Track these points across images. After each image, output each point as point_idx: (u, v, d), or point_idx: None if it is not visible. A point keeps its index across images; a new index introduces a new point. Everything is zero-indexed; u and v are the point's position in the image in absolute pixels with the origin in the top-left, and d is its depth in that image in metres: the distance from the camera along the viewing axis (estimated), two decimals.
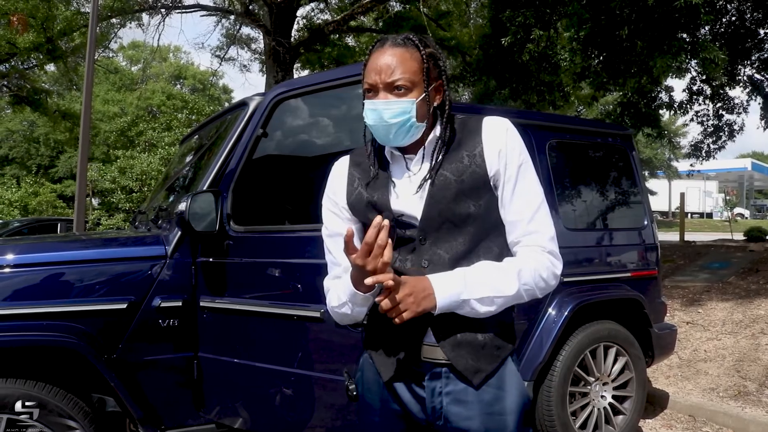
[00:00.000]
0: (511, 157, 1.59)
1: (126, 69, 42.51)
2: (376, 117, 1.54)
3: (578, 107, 20.75)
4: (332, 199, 1.72)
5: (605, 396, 3.98)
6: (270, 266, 2.94)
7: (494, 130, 1.61)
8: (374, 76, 1.54)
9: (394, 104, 1.53)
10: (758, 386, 4.84)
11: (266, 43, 15.95)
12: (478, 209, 1.58)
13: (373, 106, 1.54)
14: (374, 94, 1.56)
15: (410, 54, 1.56)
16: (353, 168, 1.70)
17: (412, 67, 1.55)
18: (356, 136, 3.33)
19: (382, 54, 1.55)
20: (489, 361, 1.57)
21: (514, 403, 1.59)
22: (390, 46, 1.56)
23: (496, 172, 1.58)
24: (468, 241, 1.57)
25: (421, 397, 1.61)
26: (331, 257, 1.72)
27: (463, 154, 1.59)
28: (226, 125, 3.56)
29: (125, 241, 3.37)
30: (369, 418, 1.69)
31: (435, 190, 1.56)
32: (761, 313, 6.25)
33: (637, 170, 4.51)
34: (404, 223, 1.59)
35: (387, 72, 1.53)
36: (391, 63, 1.54)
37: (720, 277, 8.04)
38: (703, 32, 9.71)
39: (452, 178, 1.57)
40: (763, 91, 12.71)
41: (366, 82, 1.58)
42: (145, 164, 18.23)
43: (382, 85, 1.54)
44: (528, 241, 1.59)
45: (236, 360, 3.02)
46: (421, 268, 1.56)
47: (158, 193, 4.30)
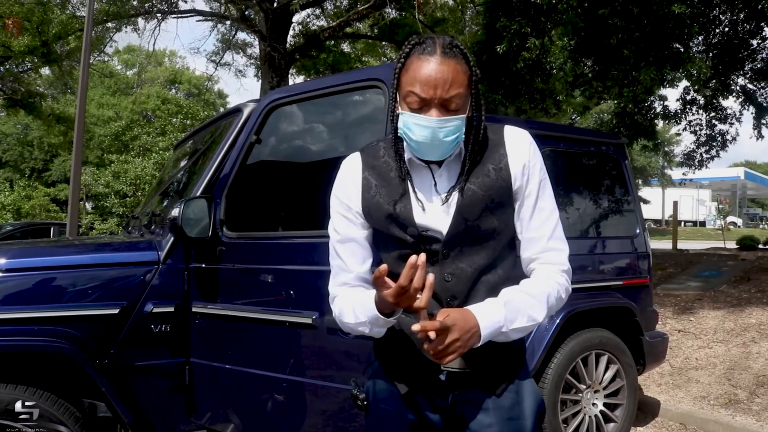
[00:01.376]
0: (533, 171, 1.57)
1: (121, 73, 42.52)
2: (429, 134, 1.45)
3: (572, 116, 20.84)
4: (344, 203, 1.62)
5: (596, 404, 3.98)
6: (262, 272, 2.95)
7: (518, 143, 1.59)
8: (429, 90, 1.43)
9: (449, 123, 1.45)
10: (749, 395, 4.85)
11: (262, 49, 15.98)
12: (501, 224, 1.56)
13: (426, 123, 1.45)
14: (425, 109, 1.46)
15: (461, 67, 1.47)
16: (368, 172, 1.61)
17: (464, 81, 1.47)
18: (350, 142, 3.36)
19: (433, 64, 1.44)
20: (508, 368, 1.59)
21: (530, 407, 1.60)
22: (442, 57, 1.45)
23: (519, 186, 1.56)
24: (489, 255, 1.55)
25: (440, 406, 1.59)
26: (340, 263, 1.63)
27: (489, 168, 1.55)
28: (220, 131, 3.57)
29: (118, 247, 3.37)
30: (383, 428, 1.66)
31: (463, 206, 1.52)
32: (752, 322, 6.28)
33: (630, 179, 4.54)
34: (428, 238, 1.54)
35: (444, 87, 1.43)
36: (447, 77, 1.43)
37: (712, 286, 8.08)
38: (696, 42, 9.79)
39: (480, 192, 1.53)
40: (755, 100, 12.80)
41: (415, 94, 1.45)
42: (139, 169, 18.22)
43: (438, 101, 1.44)
44: (547, 258, 1.58)
45: (228, 366, 3.03)
46: (445, 282, 1.53)
47: (152, 198, 4.30)
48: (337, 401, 2.73)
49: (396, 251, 1.58)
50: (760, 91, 12.85)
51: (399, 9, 17.81)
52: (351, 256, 1.62)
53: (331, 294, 1.67)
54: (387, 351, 1.65)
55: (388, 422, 1.64)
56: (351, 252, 1.62)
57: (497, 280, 1.56)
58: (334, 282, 1.66)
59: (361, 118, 3.07)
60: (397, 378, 1.62)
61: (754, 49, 12.25)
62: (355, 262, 1.62)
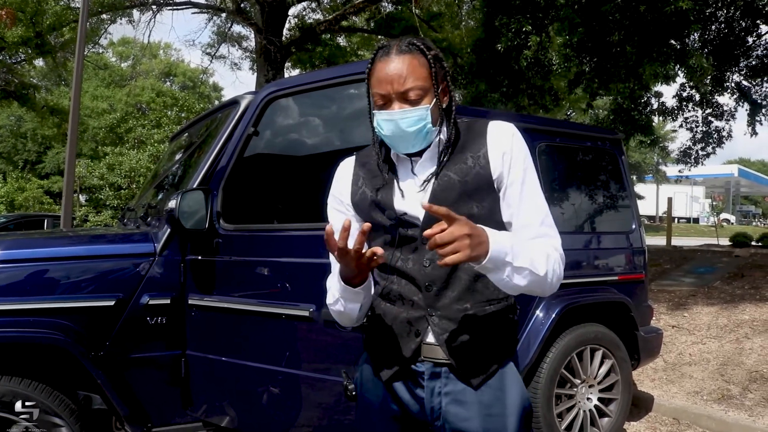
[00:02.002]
0: (516, 160, 1.58)
1: (115, 65, 42.32)
2: (393, 127, 1.52)
3: (568, 111, 20.85)
4: (337, 197, 1.71)
5: (591, 398, 3.99)
6: (259, 265, 2.94)
7: (499, 134, 1.60)
8: (386, 86, 1.51)
9: (410, 113, 1.52)
10: (741, 390, 4.88)
11: (257, 42, 15.92)
12: (481, 210, 1.57)
13: (389, 116, 1.52)
14: (387, 105, 1.53)
15: (418, 60, 1.53)
16: (359, 168, 1.70)
17: (422, 74, 1.53)
18: (347, 135, 3.36)
19: (390, 62, 1.52)
20: (489, 362, 1.58)
21: (514, 405, 1.59)
22: (396, 54, 1.53)
23: (500, 174, 1.58)
24: None
25: (420, 397, 1.60)
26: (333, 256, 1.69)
27: (468, 156, 1.59)
28: (217, 123, 3.55)
29: (114, 238, 3.36)
30: (367, 418, 1.69)
31: (438, 191, 1.56)
32: (746, 318, 6.31)
33: (626, 174, 4.54)
34: (407, 223, 1.58)
35: (399, 81, 1.51)
36: (402, 71, 1.51)
37: (706, 282, 8.11)
38: (692, 39, 9.80)
39: (456, 179, 1.56)
40: (750, 97, 12.82)
41: (377, 93, 1.54)
42: (134, 161, 18.14)
43: (396, 95, 1.52)
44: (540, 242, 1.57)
45: (224, 358, 3.02)
46: (423, 267, 1.56)
47: (147, 190, 4.29)
48: (333, 394, 2.73)
49: (381, 238, 1.64)
50: (755, 88, 12.88)
51: (395, 3, 17.80)
52: None
53: (327, 287, 1.69)
54: (371, 340, 1.68)
55: (374, 412, 1.68)
56: None
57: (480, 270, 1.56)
58: (331, 276, 1.69)
59: (358, 111, 3.05)
60: (379, 367, 1.65)
61: (749, 46, 12.28)
62: None
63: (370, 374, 1.68)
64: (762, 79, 12.61)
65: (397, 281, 1.61)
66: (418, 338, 1.57)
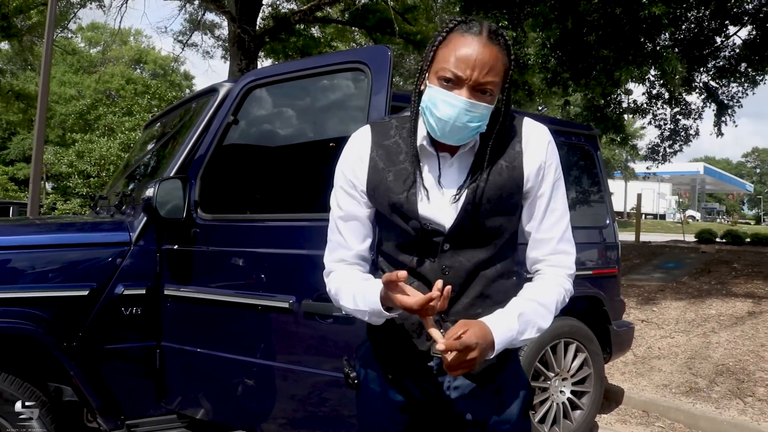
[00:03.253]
0: (548, 172, 1.54)
1: (84, 51, 41.44)
2: (453, 114, 1.40)
3: (540, 107, 21.00)
4: (349, 179, 1.59)
5: (564, 391, 4.04)
6: (238, 255, 2.89)
7: (537, 141, 1.54)
8: (466, 69, 1.39)
9: (477, 108, 1.41)
10: (708, 383, 4.98)
11: (231, 31, 15.74)
12: (506, 223, 1.54)
13: (455, 101, 1.40)
14: (456, 87, 1.41)
15: (502, 56, 1.43)
16: (376, 149, 1.57)
17: (501, 72, 1.43)
18: (327, 126, 3.33)
19: (477, 45, 1.40)
20: (498, 361, 1.57)
21: (518, 394, 1.61)
22: (485, 40, 1.41)
23: (532, 186, 1.53)
24: (491, 251, 1.53)
25: (429, 390, 1.59)
26: (340, 239, 1.62)
27: (503, 165, 1.51)
28: (194, 112, 3.49)
29: (88, 227, 3.29)
30: (371, 409, 1.66)
31: (472, 204, 1.48)
32: (712, 313, 6.44)
33: (601, 170, 4.59)
34: (430, 231, 1.51)
35: (482, 70, 1.39)
36: (487, 61, 1.39)
37: (674, 277, 8.26)
38: (663, 38, 9.95)
39: (490, 192, 1.49)
40: (717, 98, 13.05)
41: (449, 70, 1.40)
42: (105, 149, 17.78)
43: (472, 83, 1.40)
44: (555, 261, 1.57)
45: (200, 350, 2.97)
46: (442, 273, 1.50)
47: (120, 178, 4.20)
48: (315, 387, 2.71)
49: (396, 240, 1.57)
50: (722, 89, 13.12)
51: None
52: (352, 234, 1.61)
53: (327, 268, 1.65)
54: (378, 334, 1.64)
55: (377, 402, 1.64)
56: (352, 230, 1.61)
57: (494, 275, 1.55)
58: (331, 257, 1.64)
59: (342, 101, 3.03)
60: (386, 361, 1.62)
61: (717, 47, 12.50)
62: (355, 241, 1.62)
63: (374, 365, 1.64)
64: (729, 80, 12.85)
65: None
66: (430, 341, 1.53)
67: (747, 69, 12.40)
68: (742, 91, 12.92)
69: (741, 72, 12.50)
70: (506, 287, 1.58)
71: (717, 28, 12.16)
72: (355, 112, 2.82)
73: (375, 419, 1.66)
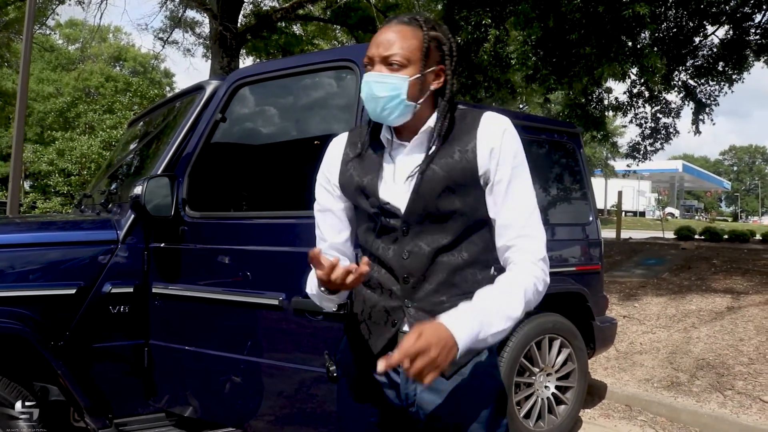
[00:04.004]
0: (504, 157, 1.55)
1: (63, 47, 40.92)
2: (368, 90, 1.53)
3: (521, 104, 21.13)
4: (326, 175, 1.70)
5: (549, 386, 4.08)
6: (226, 253, 2.90)
7: (491, 128, 1.57)
8: (373, 49, 1.54)
9: (386, 78, 1.52)
10: (689, 377, 5.06)
11: (212, 28, 15.63)
12: (464, 206, 1.55)
13: (368, 77, 1.54)
14: (371, 68, 1.56)
15: (412, 32, 1.54)
16: (349, 147, 1.68)
17: (411, 45, 1.52)
18: (315, 124, 3.34)
19: (386, 30, 1.55)
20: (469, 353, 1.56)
21: (486, 393, 1.60)
22: (395, 24, 1.56)
23: (487, 170, 1.55)
24: (451, 236, 1.55)
25: (397, 383, 1.62)
26: (319, 232, 1.73)
27: (455, 149, 1.56)
28: (180, 109, 3.49)
29: (74, 225, 3.26)
30: (347, 402, 1.70)
31: (422, 184, 1.54)
32: (693, 308, 6.54)
33: (584, 167, 4.64)
34: (389, 212, 1.57)
35: (385, 46, 1.52)
36: (391, 38, 1.52)
37: (655, 273, 8.37)
38: (643, 36, 10.08)
39: (441, 173, 1.54)
40: (695, 96, 13.23)
41: (366, 55, 1.57)
42: (86, 147, 17.57)
43: (378, 59, 1.53)
44: (521, 245, 1.54)
45: (189, 348, 2.98)
46: (402, 259, 1.55)
47: (105, 176, 4.18)
48: (304, 383, 2.72)
49: (365, 224, 1.65)
50: (700, 88, 13.30)
51: None
52: (327, 226, 1.70)
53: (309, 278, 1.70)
54: (352, 325, 1.69)
55: (351, 395, 1.69)
56: (327, 222, 1.70)
57: (459, 263, 1.56)
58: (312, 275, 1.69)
59: (330, 99, 3.04)
60: (359, 353, 1.66)
61: (696, 46, 12.67)
62: (330, 232, 1.70)
63: (350, 359, 1.69)
64: (707, 79, 13.03)
65: (377, 269, 1.60)
66: (395, 328, 1.57)
67: (724, 68, 12.60)
68: (720, 90, 13.12)
69: (718, 71, 12.69)
70: (477, 279, 1.58)
71: (695, 28, 12.34)
72: (342, 110, 2.83)
73: (352, 412, 1.69)
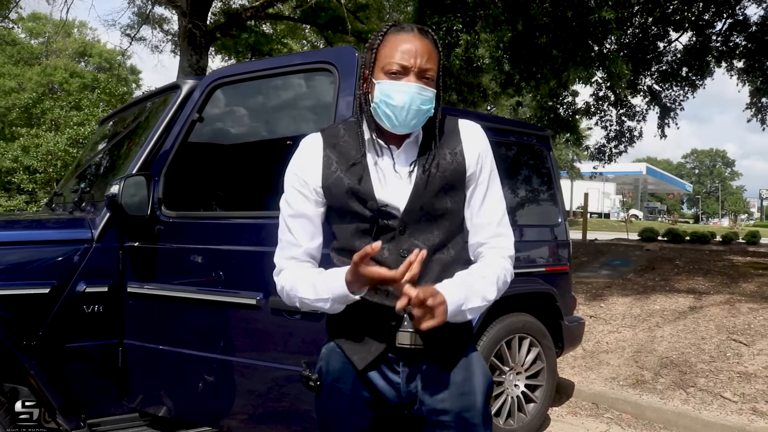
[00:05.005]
0: (486, 161, 1.68)
1: (25, 41, 39.99)
2: (408, 99, 1.54)
3: (488, 107, 21.27)
4: (302, 178, 1.66)
5: (518, 385, 4.15)
6: (203, 252, 2.89)
7: (472, 133, 1.69)
8: (409, 58, 1.55)
9: (426, 92, 1.56)
10: (654, 375, 5.19)
11: (181, 25, 15.44)
12: (454, 205, 1.65)
13: (406, 87, 1.54)
14: (404, 76, 1.56)
15: (434, 48, 1.59)
16: (329, 150, 1.66)
17: (436, 60, 1.59)
18: (296, 124, 3.35)
19: (412, 39, 1.57)
20: (459, 344, 1.65)
21: (480, 383, 1.67)
22: (418, 35, 1.58)
23: (473, 173, 1.66)
24: (443, 234, 1.63)
25: (396, 382, 1.64)
26: (290, 237, 1.68)
27: (446, 152, 1.64)
28: (154, 108, 3.47)
29: (48, 224, 3.23)
30: (335, 407, 1.69)
31: (421, 183, 1.60)
32: (657, 308, 6.70)
33: (554, 170, 4.73)
34: (386, 213, 1.61)
35: (422, 58, 1.55)
36: (425, 51, 1.56)
37: (620, 274, 8.54)
38: (609, 41, 10.28)
39: (437, 173, 1.61)
40: (660, 101, 13.53)
41: (396, 62, 1.55)
42: (52, 144, 17.17)
43: (417, 70, 1.55)
44: (495, 243, 1.67)
45: (163, 347, 2.97)
46: (400, 257, 1.57)
47: (77, 174, 4.13)
48: (280, 382, 2.74)
49: (354, 225, 1.64)
50: (665, 92, 13.61)
51: None
52: (301, 232, 1.67)
53: (278, 267, 1.69)
54: (341, 328, 1.68)
55: (342, 400, 1.67)
56: (302, 227, 1.67)
57: (449, 260, 1.64)
58: (282, 255, 1.69)
59: (308, 100, 3.06)
60: (352, 354, 1.65)
61: (660, 52, 12.96)
62: (305, 238, 1.67)
63: (340, 363, 1.67)
64: (671, 84, 13.34)
65: None
66: (394, 326, 1.58)
67: (688, 74, 12.90)
68: (683, 95, 13.44)
69: (682, 76, 13.00)
70: None
71: (660, 34, 12.62)
72: (320, 111, 2.86)
73: (340, 416, 1.69)
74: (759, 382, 4.79)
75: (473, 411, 1.64)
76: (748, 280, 7.62)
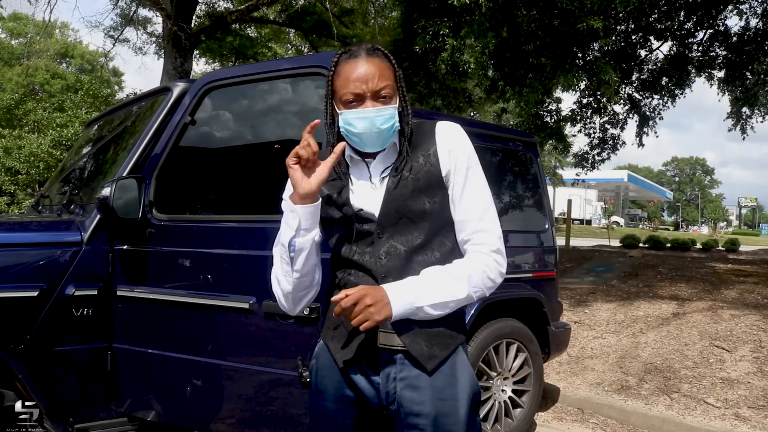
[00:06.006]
0: (460, 158, 1.70)
1: (5, 41, 39.54)
2: (368, 125, 1.60)
3: (472, 113, 21.36)
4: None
5: (505, 390, 4.17)
6: (195, 256, 2.89)
7: (446, 133, 1.72)
8: (360, 85, 1.60)
9: (384, 111, 1.61)
10: (638, 381, 5.25)
11: (166, 28, 15.36)
12: (432, 206, 1.67)
13: (363, 114, 1.60)
14: (359, 104, 1.62)
15: (385, 64, 1.65)
16: None
17: (390, 76, 1.65)
18: (288, 128, 3.35)
19: (361, 63, 1.62)
20: (442, 348, 1.65)
21: (464, 390, 1.67)
22: (366, 57, 1.63)
23: (448, 171, 1.68)
24: (423, 235, 1.65)
25: (376, 382, 1.67)
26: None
27: (419, 155, 1.69)
28: (144, 111, 3.45)
29: (37, 226, 3.20)
30: (322, 405, 1.73)
31: (392, 188, 1.65)
32: (640, 314, 6.77)
33: (541, 176, 4.77)
34: (363, 218, 1.66)
35: (373, 81, 1.60)
36: (374, 72, 1.61)
37: (604, 280, 8.62)
38: (594, 50, 10.38)
39: (409, 176, 1.66)
40: (640, 109, 13.66)
41: (349, 92, 1.61)
42: (35, 145, 16.95)
43: (370, 94, 1.61)
44: (477, 239, 1.68)
45: (153, 351, 2.95)
46: (379, 260, 1.63)
47: (64, 176, 4.09)
48: (271, 386, 2.74)
49: (338, 233, 1.71)
50: (645, 101, 13.75)
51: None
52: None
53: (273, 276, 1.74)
54: (330, 328, 1.73)
55: (328, 398, 1.72)
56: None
57: (433, 262, 1.66)
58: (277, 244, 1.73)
59: (299, 105, 3.06)
60: (335, 352, 1.70)
61: (642, 60, 13.10)
62: None
63: (327, 361, 1.72)
64: (651, 93, 13.48)
65: (354, 273, 1.68)
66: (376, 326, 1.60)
67: (668, 83, 13.04)
68: (663, 104, 13.58)
69: (662, 85, 13.13)
70: None
71: (642, 42, 12.76)
72: (312, 115, 2.86)
73: (325, 414, 1.73)
74: (741, 388, 4.86)
75: (453, 418, 1.64)
76: (729, 287, 7.71)
